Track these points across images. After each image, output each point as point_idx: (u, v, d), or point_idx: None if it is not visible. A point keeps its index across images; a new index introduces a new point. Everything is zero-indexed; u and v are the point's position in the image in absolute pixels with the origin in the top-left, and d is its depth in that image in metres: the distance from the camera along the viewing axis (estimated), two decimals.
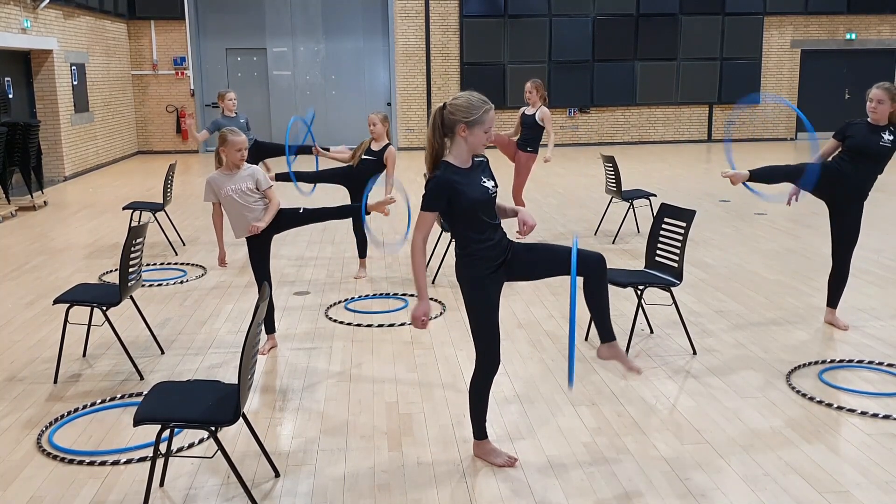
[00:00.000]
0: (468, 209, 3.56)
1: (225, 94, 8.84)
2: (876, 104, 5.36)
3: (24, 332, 5.95)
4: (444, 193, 3.52)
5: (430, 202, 3.54)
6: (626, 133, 19.40)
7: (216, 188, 5.21)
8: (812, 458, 3.88)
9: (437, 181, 3.54)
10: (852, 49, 19.50)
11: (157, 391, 3.61)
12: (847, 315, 5.92)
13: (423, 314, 3.63)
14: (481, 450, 3.93)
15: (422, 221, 3.58)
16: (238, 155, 5.17)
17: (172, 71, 18.42)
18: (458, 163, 3.59)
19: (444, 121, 3.56)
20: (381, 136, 7.08)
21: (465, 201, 3.53)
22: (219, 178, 5.22)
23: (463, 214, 3.57)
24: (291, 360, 5.34)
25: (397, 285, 7.11)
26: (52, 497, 3.62)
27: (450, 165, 3.57)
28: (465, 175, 3.58)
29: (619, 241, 8.74)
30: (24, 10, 12.95)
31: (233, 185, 5.19)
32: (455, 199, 3.53)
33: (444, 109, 3.57)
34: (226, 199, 5.21)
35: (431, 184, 3.55)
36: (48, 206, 11.55)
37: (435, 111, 3.59)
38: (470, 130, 3.53)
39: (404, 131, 18.98)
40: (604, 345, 3.77)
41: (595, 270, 3.65)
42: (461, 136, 3.55)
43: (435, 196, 3.53)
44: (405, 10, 18.48)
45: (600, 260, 3.67)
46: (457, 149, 3.59)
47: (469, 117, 3.52)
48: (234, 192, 5.19)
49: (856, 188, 5.44)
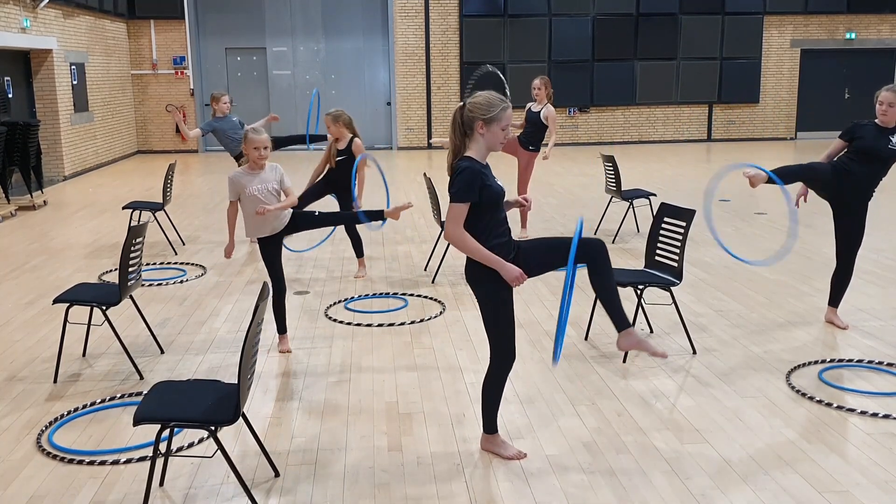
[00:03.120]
0: (493, 202, 3.61)
1: (220, 97, 8.86)
2: (886, 107, 5.34)
3: (23, 331, 5.95)
4: (477, 183, 3.55)
5: (464, 193, 3.55)
6: (625, 133, 19.40)
7: (239, 187, 5.19)
8: (812, 457, 3.88)
9: (471, 171, 3.56)
10: (852, 49, 19.49)
11: (157, 391, 3.61)
12: (847, 315, 5.92)
13: (517, 272, 3.59)
14: (491, 443, 3.95)
15: (457, 213, 3.57)
16: (256, 153, 5.13)
17: (172, 70, 18.42)
18: (478, 159, 3.65)
19: (463, 119, 3.62)
20: (341, 134, 7.17)
21: (492, 193, 3.59)
22: (242, 176, 5.20)
23: (486, 208, 3.60)
24: (291, 359, 5.33)
25: (397, 285, 7.11)
26: (52, 497, 3.62)
27: (473, 159, 3.62)
28: (487, 169, 3.66)
29: (618, 240, 8.74)
30: (24, 9, 12.94)
31: (257, 185, 5.17)
32: (483, 190, 3.57)
33: (463, 108, 3.64)
34: (249, 198, 5.17)
35: (465, 174, 3.55)
36: (48, 206, 11.54)
37: (455, 110, 3.66)
38: (487, 128, 3.59)
39: (404, 131, 18.97)
40: (621, 334, 3.70)
41: (596, 258, 3.65)
42: (479, 133, 3.60)
43: (469, 186, 3.55)
44: (405, 10, 18.47)
45: (601, 246, 3.67)
46: (475, 146, 3.64)
47: (487, 114, 3.58)
48: (259, 192, 5.16)
49: (861, 189, 5.44)
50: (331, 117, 7.23)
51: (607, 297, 3.68)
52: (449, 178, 3.66)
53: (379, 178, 7.39)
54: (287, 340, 5.50)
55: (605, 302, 3.72)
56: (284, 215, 5.28)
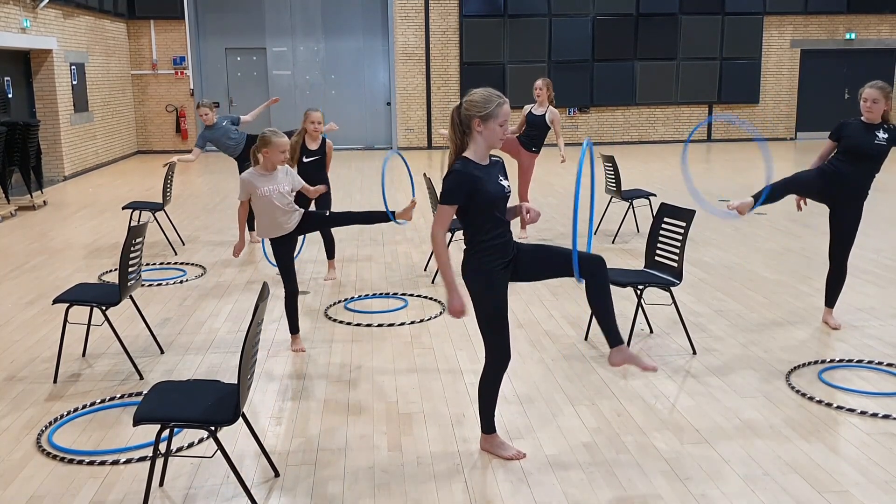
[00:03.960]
0: (486, 204, 3.60)
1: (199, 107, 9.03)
2: (871, 104, 5.37)
3: (23, 331, 5.95)
4: (465, 187, 3.56)
5: (450, 195, 3.58)
6: (625, 133, 19.40)
7: (251, 187, 5.21)
8: (812, 457, 3.88)
9: (458, 174, 3.58)
10: (852, 49, 19.50)
11: (157, 391, 3.61)
12: (847, 315, 5.92)
13: (460, 306, 3.67)
14: (489, 443, 3.95)
15: (442, 215, 3.61)
16: (282, 157, 5.17)
17: (172, 71, 18.42)
18: (477, 159, 3.64)
19: (460, 118, 3.62)
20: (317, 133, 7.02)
21: (484, 196, 3.59)
22: (255, 178, 5.21)
23: (479, 210, 3.61)
24: (291, 359, 5.34)
25: (397, 285, 7.11)
26: (51, 497, 3.62)
27: (469, 161, 3.62)
28: (484, 171, 3.64)
29: (618, 240, 8.74)
30: (24, 9, 12.94)
31: (270, 186, 5.19)
32: (474, 193, 3.57)
33: (460, 107, 3.63)
34: (260, 199, 5.20)
35: (451, 177, 3.58)
36: (48, 206, 11.54)
37: (452, 110, 3.65)
38: (484, 125, 3.59)
39: (404, 131, 18.98)
40: (613, 350, 3.73)
41: (596, 273, 3.68)
42: (476, 130, 3.60)
43: (455, 189, 3.56)
44: (405, 10, 18.47)
45: (601, 263, 3.70)
46: (474, 145, 3.64)
47: (483, 111, 3.57)
48: (273, 194, 5.19)
49: (856, 188, 5.44)
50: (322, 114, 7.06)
51: (603, 313, 3.73)
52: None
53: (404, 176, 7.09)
54: (299, 340, 5.51)
55: (600, 318, 3.75)
56: (295, 216, 5.31)
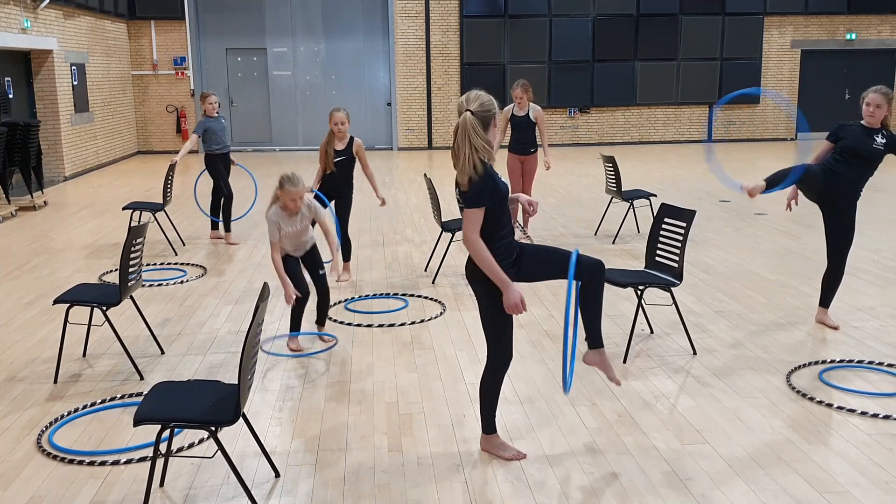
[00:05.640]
0: (501, 202, 3.61)
1: (207, 97, 8.96)
2: (874, 108, 5.37)
3: (24, 332, 5.95)
4: (490, 187, 3.55)
5: (480, 198, 3.54)
6: (626, 133, 19.40)
7: (277, 227, 5.25)
8: (812, 457, 3.88)
9: (487, 175, 3.54)
10: (852, 49, 19.50)
11: (157, 391, 3.61)
12: (846, 315, 5.92)
13: (518, 299, 3.59)
14: (490, 444, 3.95)
15: (474, 218, 3.56)
16: (292, 204, 5.20)
17: (172, 71, 18.42)
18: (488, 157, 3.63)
19: (483, 120, 3.56)
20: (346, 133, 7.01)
21: (501, 194, 3.60)
22: (280, 218, 5.25)
23: (495, 208, 3.59)
24: (292, 360, 5.34)
25: (397, 286, 7.11)
26: (52, 497, 3.62)
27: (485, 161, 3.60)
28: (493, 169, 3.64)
29: (619, 241, 8.74)
30: (24, 10, 12.95)
31: (293, 227, 5.28)
32: (494, 192, 3.57)
33: (474, 113, 3.54)
34: (284, 236, 5.29)
35: (483, 179, 3.53)
36: (48, 206, 11.55)
37: (464, 118, 3.53)
38: (494, 122, 3.63)
39: (404, 131, 18.98)
40: (591, 350, 3.84)
41: (593, 278, 3.70)
42: (493, 129, 3.63)
43: (483, 190, 3.53)
44: (405, 10, 18.48)
45: (600, 267, 3.71)
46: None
47: (493, 109, 3.61)
48: (294, 229, 5.30)
49: (848, 188, 5.46)
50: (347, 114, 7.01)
51: (591, 316, 3.78)
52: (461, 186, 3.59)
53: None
54: (297, 340, 5.52)
55: (587, 321, 3.79)
56: (308, 240, 5.43)
